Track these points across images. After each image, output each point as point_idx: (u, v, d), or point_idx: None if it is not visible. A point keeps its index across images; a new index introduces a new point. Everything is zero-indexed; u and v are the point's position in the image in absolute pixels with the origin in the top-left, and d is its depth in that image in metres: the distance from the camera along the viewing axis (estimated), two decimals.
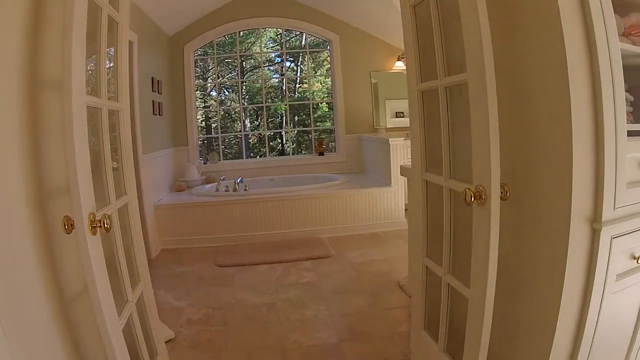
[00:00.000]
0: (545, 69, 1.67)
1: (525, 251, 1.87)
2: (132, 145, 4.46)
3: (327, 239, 5.28)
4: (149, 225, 4.92)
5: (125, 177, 2.10)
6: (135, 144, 4.69)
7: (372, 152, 6.50)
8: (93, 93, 1.80)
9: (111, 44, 2.04)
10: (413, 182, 2.44)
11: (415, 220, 2.41)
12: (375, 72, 7.14)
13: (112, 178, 1.87)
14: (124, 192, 2.08)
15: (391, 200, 5.59)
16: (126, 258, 1.99)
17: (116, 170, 2.05)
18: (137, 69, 4.75)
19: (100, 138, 1.84)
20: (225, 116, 11.15)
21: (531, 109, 1.77)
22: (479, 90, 1.63)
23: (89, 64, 1.78)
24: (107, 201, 1.85)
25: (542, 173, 1.74)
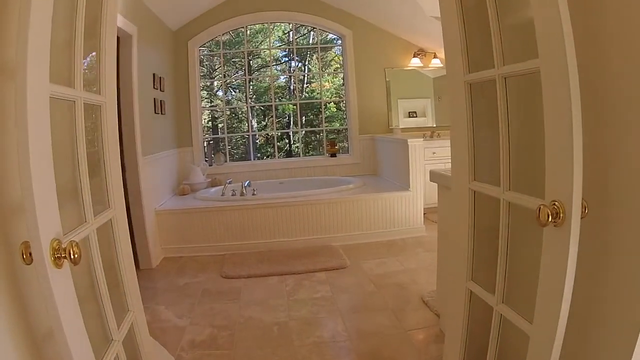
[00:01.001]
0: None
1: (597, 277, 1.49)
2: (134, 147, 4.14)
3: (341, 247, 4.90)
4: (149, 233, 4.57)
5: (111, 187, 1.72)
6: (134, 145, 4.34)
7: (387, 153, 6.12)
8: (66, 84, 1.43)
9: None
10: (454, 192, 2.06)
11: (456, 235, 2.03)
12: (389, 69, 6.75)
13: (88, 189, 1.49)
14: (108, 205, 1.71)
15: (409, 205, 5.21)
16: (112, 285, 1.62)
17: (98, 178, 1.67)
18: (136, 63, 4.39)
19: (74, 138, 1.47)
20: (232, 116, 10.83)
21: (611, 105, 1.38)
22: (557, 80, 1.26)
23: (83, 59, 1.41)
24: (84, 219, 1.48)
25: (625, 186, 1.36)
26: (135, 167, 4.36)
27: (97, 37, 1.69)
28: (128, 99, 4.31)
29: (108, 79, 1.71)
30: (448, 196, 2.68)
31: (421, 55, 6.75)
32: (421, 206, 5.26)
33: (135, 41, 4.39)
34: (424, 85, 6.99)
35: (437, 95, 7.00)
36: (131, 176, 4.39)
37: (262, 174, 6.48)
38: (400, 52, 6.79)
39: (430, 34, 6.26)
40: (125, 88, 4.31)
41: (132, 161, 4.36)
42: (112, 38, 1.76)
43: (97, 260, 1.51)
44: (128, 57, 4.33)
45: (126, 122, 4.32)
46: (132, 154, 4.35)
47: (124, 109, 4.32)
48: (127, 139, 4.33)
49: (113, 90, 1.79)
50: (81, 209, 1.48)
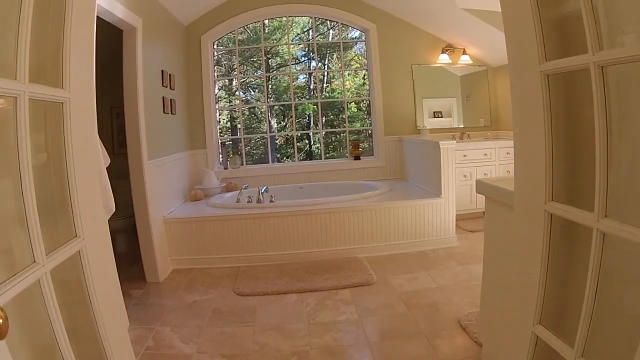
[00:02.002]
0: None
1: None
2: (138, 150, 3.75)
3: (367, 260, 4.46)
4: (156, 243, 4.19)
5: (77, 210, 1.30)
6: (138, 147, 3.96)
7: (415, 156, 5.66)
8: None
9: None
10: (521, 214, 1.61)
11: (521, 266, 1.59)
12: (416, 65, 6.28)
13: (36, 218, 1.08)
14: (74, 234, 1.29)
15: (441, 214, 4.75)
16: (79, 347, 1.21)
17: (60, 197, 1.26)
18: (141, 59, 4.01)
19: (16, 144, 1.05)
20: (252, 117, 10.48)
21: None
22: None
23: None
24: (32, 259, 1.06)
25: None
26: (140, 172, 3.98)
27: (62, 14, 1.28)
28: (132, 97, 3.93)
29: (74, 68, 1.30)
30: (503, 215, 2.22)
31: (450, 51, 6.28)
32: (453, 214, 4.80)
33: (140, 34, 4.01)
34: (451, 83, 6.53)
35: (464, 94, 6.52)
36: (136, 182, 4.02)
37: (280, 178, 6.07)
38: (428, 48, 6.32)
39: (459, 28, 5.83)
40: (129, 85, 3.94)
41: (136, 166, 3.98)
42: (82, 15, 1.34)
43: (56, 319, 1.10)
44: (132, 52, 3.95)
45: (130, 123, 3.95)
46: (136, 157, 3.97)
47: (127, 108, 3.95)
48: (132, 142, 3.96)
49: (85, 84, 1.38)
50: (27, 244, 1.06)
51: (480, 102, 6.50)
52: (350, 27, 6.85)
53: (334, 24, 9.49)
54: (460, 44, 6.25)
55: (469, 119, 6.50)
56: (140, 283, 4.22)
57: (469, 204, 5.64)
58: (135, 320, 3.42)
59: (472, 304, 3.36)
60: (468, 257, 4.45)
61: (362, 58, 8.30)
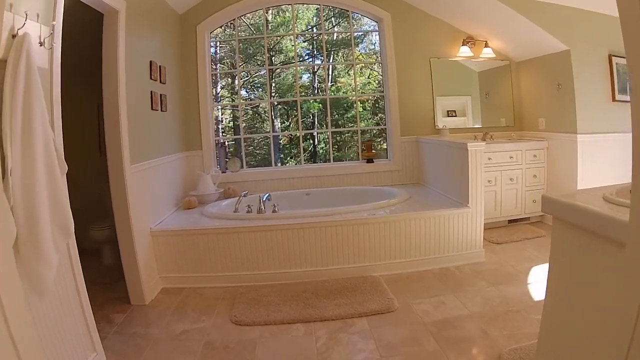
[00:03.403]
0: None
1: None
2: (118, 152, 3.16)
3: (384, 279, 3.87)
4: (140, 259, 3.61)
5: None
6: (119, 149, 3.38)
7: (436, 159, 5.07)
8: None
9: None
10: None
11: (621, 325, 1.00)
12: (435, 59, 5.69)
13: None
14: None
15: (468, 225, 4.16)
16: None
17: None
18: (123, 46, 3.43)
19: None
20: (255, 116, 9.99)
21: None
22: None
23: None
24: None
25: None
26: (120, 178, 3.41)
27: None
28: (111, 91, 3.35)
29: None
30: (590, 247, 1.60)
31: (471, 43, 5.67)
32: (481, 226, 4.21)
33: (122, 19, 3.43)
34: (468, 80, 5.94)
35: (483, 91, 5.93)
36: (116, 189, 3.44)
37: (284, 183, 5.48)
38: (447, 40, 5.73)
39: (482, 18, 5.26)
40: (109, 77, 3.36)
41: (116, 170, 3.40)
42: None
43: None
44: (112, 38, 3.37)
45: (109, 122, 3.37)
46: (116, 161, 3.39)
47: (106, 104, 3.38)
48: (111, 143, 3.39)
49: None
50: None
51: (501, 100, 5.92)
52: (358, 23, 6.25)
53: (339, 20, 9.03)
54: (481, 36, 5.65)
55: (488, 118, 5.92)
56: (123, 306, 3.65)
57: (493, 211, 5.06)
58: (112, 354, 2.85)
59: (512, 337, 2.80)
60: (499, 275, 3.87)
61: (367, 57, 7.79)
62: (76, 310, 2.51)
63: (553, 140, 5.13)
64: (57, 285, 2.30)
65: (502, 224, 5.20)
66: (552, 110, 5.17)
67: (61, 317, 2.32)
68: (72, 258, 2.53)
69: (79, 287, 2.55)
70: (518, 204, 5.19)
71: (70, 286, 2.46)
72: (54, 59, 2.44)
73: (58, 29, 2.46)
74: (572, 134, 4.80)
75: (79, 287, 2.56)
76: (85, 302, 2.61)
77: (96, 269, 4.50)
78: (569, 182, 4.87)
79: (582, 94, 4.76)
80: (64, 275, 2.41)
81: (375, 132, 8.42)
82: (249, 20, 8.88)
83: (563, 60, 4.86)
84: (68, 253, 2.49)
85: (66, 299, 2.40)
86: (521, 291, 3.51)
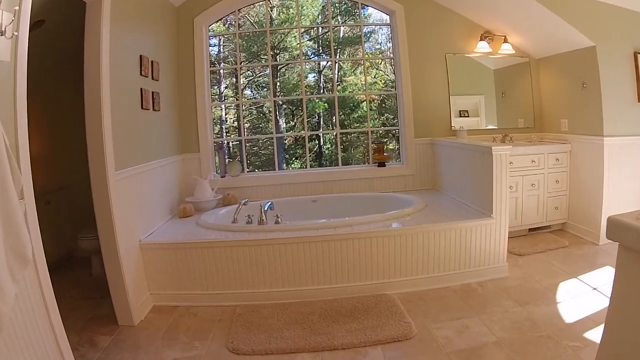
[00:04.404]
0: None
1: None
2: (101, 158, 2.73)
3: (399, 297, 3.48)
4: (127, 275, 3.24)
5: None
6: (101, 154, 3.01)
7: (453, 163, 4.66)
8: None
9: None
10: None
11: None
12: (451, 55, 5.29)
13: None
14: None
15: (491, 238, 3.76)
16: None
17: None
18: (107, 37, 3.06)
19: None
20: (259, 116, 9.65)
21: None
22: None
23: None
24: None
25: None
26: (102, 186, 3.02)
27: None
28: (93, 87, 2.97)
29: None
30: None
31: (489, 38, 5.27)
32: (505, 238, 3.81)
33: (107, 7, 3.06)
34: (482, 78, 5.53)
35: (499, 90, 5.53)
36: (98, 198, 3.06)
37: (289, 189, 5.08)
38: (463, 35, 5.31)
39: (500, 11, 4.88)
40: (90, 72, 2.98)
41: (98, 177, 3.02)
42: None
43: None
44: (95, 28, 3.00)
45: (90, 122, 3.00)
46: (98, 167, 3.01)
47: (87, 102, 3.01)
48: (92, 147, 3.01)
49: None
50: None
51: (518, 100, 5.51)
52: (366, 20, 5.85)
53: (345, 18, 8.69)
54: (500, 30, 5.24)
55: (504, 119, 5.51)
56: (110, 326, 3.27)
57: (514, 220, 4.65)
58: None
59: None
60: (525, 293, 3.48)
61: (372, 55, 7.46)
62: (48, 342, 2.14)
63: (577, 142, 4.76)
64: (21, 315, 1.94)
65: (523, 232, 4.82)
66: (576, 111, 4.80)
67: (28, 349, 1.95)
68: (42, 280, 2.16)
69: (50, 314, 2.19)
70: (539, 211, 4.81)
71: (38, 313, 2.10)
72: (19, 50, 2.08)
73: (24, 16, 2.11)
74: (598, 137, 4.43)
75: (51, 314, 2.20)
76: (59, 331, 2.24)
77: (85, 281, 4.19)
78: (594, 188, 4.51)
79: (608, 93, 4.39)
80: (30, 299, 2.06)
81: (380, 132, 8.09)
82: (253, 18, 8.58)
83: (588, 57, 4.48)
84: (36, 275, 2.12)
85: (34, 330, 2.06)
86: (551, 312, 3.14)
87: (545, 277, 3.74)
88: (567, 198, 4.86)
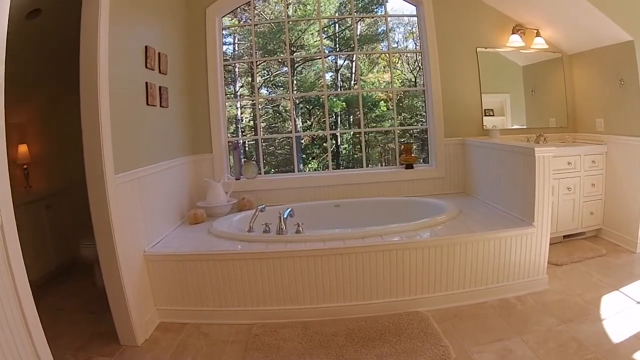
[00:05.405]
0: None
1: None
2: (99, 160, 2.28)
3: (433, 315, 3.10)
4: (129, 291, 2.90)
5: None
6: (99, 156, 2.67)
7: (488, 165, 4.27)
8: None
9: None
10: None
11: None
12: (482, 49, 4.90)
13: None
14: None
15: (530, 248, 3.39)
16: None
17: None
18: (106, 24, 2.73)
19: None
20: (276, 115, 9.49)
21: None
22: None
23: None
24: None
25: None
26: (100, 192, 2.68)
27: None
28: (90, 80, 2.63)
29: None
30: None
31: (521, 32, 4.85)
32: (546, 248, 3.43)
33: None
34: (510, 75, 5.13)
35: (528, 87, 5.11)
36: (96, 205, 2.72)
37: (309, 192, 4.72)
38: (494, 28, 4.92)
39: (533, 3, 4.50)
40: (87, 61, 2.63)
41: (95, 182, 2.68)
42: None
43: None
44: (92, 13, 2.65)
45: (86, 120, 2.67)
46: (95, 170, 2.67)
47: (83, 97, 2.67)
48: (88, 148, 2.67)
49: None
50: None
51: (550, 98, 5.10)
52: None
53: (362, 15, 8.38)
54: (532, 23, 4.83)
55: (534, 118, 5.11)
56: (111, 346, 2.95)
57: None
58: None
59: None
60: (567, 308, 3.12)
61: (389, 56, 7.14)
62: None
63: (613, 143, 4.37)
64: None
65: (557, 239, 4.42)
66: (613, 110, 4.40)
67: None
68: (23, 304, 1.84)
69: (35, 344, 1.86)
70: (575, 217, 4.42)
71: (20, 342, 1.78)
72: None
73: None
74: (636, 137, 4.07)
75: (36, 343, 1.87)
76: None
77: (88, 291, 3.87)
78: (632, 192, 4.14)
79: None
80: (9, 324, 1.76)
81: (398, 132, 7.82)
82: (269, 16, 8.32)
83: (626, 52, 4.09)
84: (16, 296, 1.81)
85: None
86: (596, 330, 2.80)
87: (586, 290, 3.39)
88: (602, 203, 4.50)
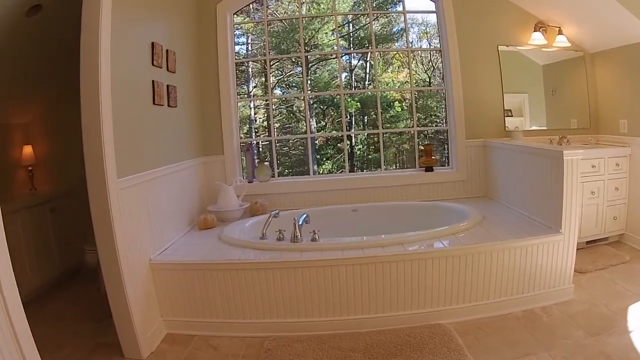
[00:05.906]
0: None
1: None
2: (100, 164, 2.19)
3: (456, 328, 2.90)
4: (133, 302, 2.73)
5: None
6: (100, 159, 2.50)
7: (511, 168, 4.06)
8: None
9: None
10: None
11: None
12: (504, 47, 4.69)
13: None
14: None
15: (557, 256, 3.18)
16: None
17: None
18: (108, 19, 2.55)
19: None
20: (289, 116, 9.34)
21: None
22: None
23: None
24: None
25: None
26: (101, 196, 2.52)
27: None
28: (90, 78, 2.46)
29: None
30: None
31: (543, 29, 4.63)
32: (573, 257, 3.22)
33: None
34: (529, 74, 4.91)
35: (548, 87, 4.90)
36: (97, 212, 2.56)
37: (325, 196, 4.54)
38: (515, 25, 4.71)
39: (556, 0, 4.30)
40: (87, 58, 2.47)
41: (97, 187, 2.52)
42: None
43: None
44: (94, 9, 2.49)
45: (87, 121, 2.51)
46: (97, 174, 2.51)
47: (84, 96, 2.51)
48: (89, 151, 2.50)
49: None
50: None
51: (571, 98, 4.89)
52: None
53: (376, 15, 8.24)
54: (554, 21, 4.60)
55: (555, 119, 4.89)
56: (114, 358, 2.78)
57: None
58: None
59: None
60: (594, 320, 2.93)
61: (404, 56, 7.00)
62: None
63: (637, 145, 4.17)
64: None
65: (580, 245, 4.15)
66: (637, 111, 4.20)
67: None
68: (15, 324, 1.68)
69: None
70: (598, 222, 4.20)
71: None
72: None
73: None
74: None
75: None
76: None
77: (92, 297, 3.70)
78: None
79: None
80: None
81: (411, 133, 7.73)
82: (282, 15, 8.21)
83: None
84: (6, 315, 1.66)
85: None
86: (625, 343, 2.63)
87: (613, 300, 3.19)
88: (625, 207, 4.29)
